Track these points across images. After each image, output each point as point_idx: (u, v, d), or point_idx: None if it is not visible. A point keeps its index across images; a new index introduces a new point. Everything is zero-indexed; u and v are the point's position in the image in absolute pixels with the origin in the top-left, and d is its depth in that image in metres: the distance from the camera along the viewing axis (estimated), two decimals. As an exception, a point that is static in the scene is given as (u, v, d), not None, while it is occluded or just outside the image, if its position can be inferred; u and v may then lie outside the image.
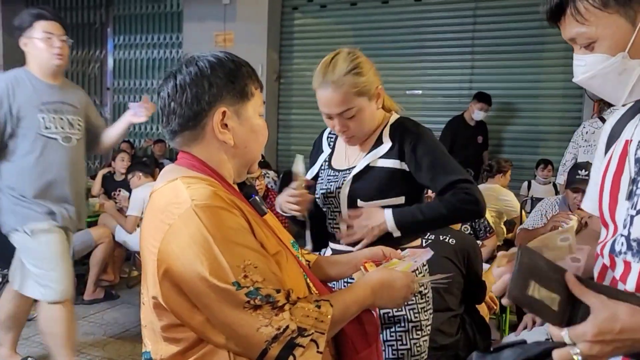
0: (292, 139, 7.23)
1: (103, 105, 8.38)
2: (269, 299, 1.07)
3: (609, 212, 1.09)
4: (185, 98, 1.18)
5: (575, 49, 1.05)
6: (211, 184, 1.17)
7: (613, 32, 0.98)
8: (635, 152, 1.05)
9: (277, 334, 1.07)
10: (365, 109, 1.71)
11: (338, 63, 1.69)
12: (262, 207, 1.28)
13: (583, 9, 0.99)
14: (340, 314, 1.17)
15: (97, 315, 4.41)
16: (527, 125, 6.09)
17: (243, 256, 1.09)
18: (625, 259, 1.02)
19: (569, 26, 1.03)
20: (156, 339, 1.18)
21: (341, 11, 6.84)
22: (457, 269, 2.71)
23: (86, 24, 8.35)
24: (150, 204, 1.21)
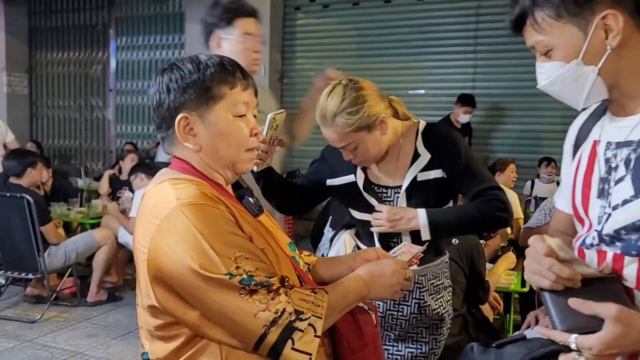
0: (295, 139, 7.21)
1: (106, 106, 8.39)
2: (263, 284, 1.08)
3: (583, 210, 1.15)
4: (154, 104, 1.23)
5: (537, 57, 1.12)
6: (198, 184, 1.18)
7: (567, 41, 1.05)
8: (604, 153, 1.10)
9: (276, 317, 1.07)
10: (366, 141, 1.71)
11: (333, 101, 1.67)
12: (254, 208, 1.27)
13: (540, 19, 1.07)
14: (336, 300, 1.18)
15: (100, 317, 4.41)
16: (530, 124, 6.07)
17: (234, 248, 1.10)
18: (599, 249, 1.08)
19: (529, 35, 1.11)
20: (152, 339, 1.19)
21: (344, 11, 6.83)
22: (460, 269, 2.70)
23: (88, 25, 8.36)
24: (140, 206, 1.23)
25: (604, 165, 1.10)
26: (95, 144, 8.56)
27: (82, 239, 4.64)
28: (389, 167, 1.81)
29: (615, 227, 1.04)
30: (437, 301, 1.88)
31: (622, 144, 1.08)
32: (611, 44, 1.03)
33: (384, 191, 1.81)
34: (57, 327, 4.19)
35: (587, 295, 0.98)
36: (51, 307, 4.46)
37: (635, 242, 1.02)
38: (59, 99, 8.70)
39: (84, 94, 8.52)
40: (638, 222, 1.01)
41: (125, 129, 8.27)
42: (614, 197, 1.06)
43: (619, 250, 1.05)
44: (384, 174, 1.82)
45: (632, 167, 1.04)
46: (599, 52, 1.04)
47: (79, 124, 8.62)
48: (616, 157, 1.08)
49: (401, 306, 1.87)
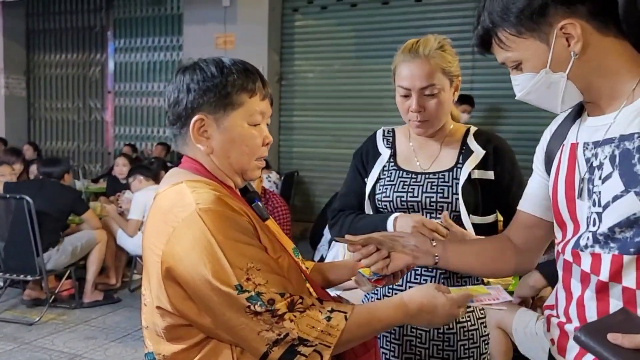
0: (293, 140, 7.22)
1: (104, 108, 8.39)
2: (269, 307, 1.06)
3: (568, 213, 1.16)
4: (170, 100, 1.23)
5: (510, 71, 1.18)
6: (216, 188, 1.18)
7: (532, 53, 1.11)
8: (584, 153, 1.13)
9: (278, 338, 1.07)
10: (446, 91, 1.62)
11: (429, 40, 1.62)
12: (264, 213, 1.28)
13: (503, 38, 1.13)
14: (357, 328, 1.12)
15: (98, 319, 4.40)
16: (528, 125, 6.07)
17: (246, 259, 1.09)
18: (593, 251, 1.08)
19: (497, 53, 1.16)
20: (158, 340, 1.18)
21: (342, 12, 6.84)
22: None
23: (86, 27, 8.37)
24: (154, 206, 1.21)
25: (585, 165, 1.12)
26: (94, 146, 8.57)
27: (83, 235, 4.71)
28: (430, 151, 1.70)
29: (609, 224, 1.05)
30: (466, 314, 1.64)
31: (602, 142, 1.09)
32: (574, 50, 1.07)
33: (412, 177, 1.66)
34: (56, 329, 4.18)
35: (616, 329, 0.98)
36: (49, 309, 4.45)
37: (631, 239, 1.02)
38: (57, 101, 8.70)
39: (82, 96, 8.53)
40: (632, 216, 1.01)
41: (124, 131, 8.27)
42: (603, 196, 1.06)
43: (616, 251, 1.04)
44: (420, 157, 1.70)
45: (617, 163, 1.05)
46: (565, 59, 1.09)
47: (77, 126, 8.62)
48: (597, 156, 1.09)
49: (419, 331, 1.65)
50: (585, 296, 1.10)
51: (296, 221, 5.24)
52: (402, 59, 1.64)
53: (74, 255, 4.55)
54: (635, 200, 1.01)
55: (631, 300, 1.03)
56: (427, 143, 1.71)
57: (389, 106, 6.73)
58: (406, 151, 1.73)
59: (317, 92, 7.07)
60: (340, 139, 6.75)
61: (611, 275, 1.05)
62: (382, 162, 1.72)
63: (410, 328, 1.64)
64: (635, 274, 1.02)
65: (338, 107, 6.89)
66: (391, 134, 1.78)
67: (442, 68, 1.60)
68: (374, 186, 1.70)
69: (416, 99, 1.60)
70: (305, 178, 7.11)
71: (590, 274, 1.09)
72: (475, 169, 1.62)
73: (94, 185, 6.65)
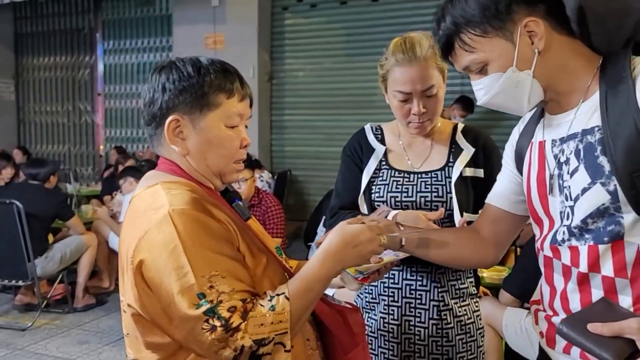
0: (285, 139, 7.20)
1: (94, 111, 8.34)
2: (223, 322, 1.03)
3: (543, 209, 1.19)
4: (146, 100, 1.20)
5: (472, 77, 1.18)
6: (192, 189, 1.16)
7: (499, 53, 1.12)
8: (552, 150, 1.16)
9: (236, 355, 1.05)
10: (442, 88, 1.61)
11: (422, 40, 1.58)
12: (245, 212, 1.25)
13: (468, 39, 1.13)
14: (301, 300, 1.11)
15: (92, 323, 4.37)
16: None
17: (211, 266, 1.06)
18: (571, 244, 1.11)
19: (460, 57, 1.17)
20: (139, 347, 1.16)
21: (331, 10, 6.82)
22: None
23: (74, 29, 8.31)
24: (129, 209, 1.19)
25: (554, 161, 1.15)
26: (85, 149, 8.51)
27: (72, 241, 4.65)
28: (419, 150, 1.68)
29: (581, 217, 1.08)
30: (462, 308, 1.66)
31: (566, 138, 1.13)
32: (538, 47, 1.10)
33: (405, 176, 1.65)
34: (49, 334, 4.14)
35: (597, 319, 1.00)
36: (42, 314, 4.41)
37: (603, 229, 1.06)
38: (46, 104, 8.64)
39: (72, 99, 8.47)
40: (602, 206, 1.05)
41: (115, 133, 8.22)
42: (572, 189, 1.10)
43: (592, 242, 1.08)
44: (411, 156, 1.68)
45: (582, 157, 1.08)
46: (529, 57, 1.11)
47: (68, 129, 8.57)
48: (564, 152, 1.13)
49: (418, 310, 1.64)
50: (568, 289, 1.13)
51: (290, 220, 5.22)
52: (396, 62, 1.59)
53: (62, 262, 4.50)
54: (602, 190, 1.05)
55: (611, 289, 1.06)
56: (416, 141, 1.69)
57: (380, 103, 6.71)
58: (397, 149, 1.71)
59: (308, 90, 7.05)
60: (332, 137, 6.73)
61: (590, 266, 1.08)
62: (377, 158, 1.69)
63: (408, 325, 1.63)
64: (612, 261, 1.06)
65: (329, 105, 6.88)
66: (379, 131, 1.75)
67: (438, 67, 1.59)
68: (369, 183, 1.67)
69: (418, 102, 1.58)
70: (298, 177, 7.10)
71: (570, 266, 1.12)
72: (467, 166, 1.62)
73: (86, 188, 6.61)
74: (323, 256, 1.16)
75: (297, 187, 7.10)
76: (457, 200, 1.58)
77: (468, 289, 1.68)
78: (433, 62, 1.57)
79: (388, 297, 1.65)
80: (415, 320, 1.63)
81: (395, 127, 1.73)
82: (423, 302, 1.62)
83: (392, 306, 1.64)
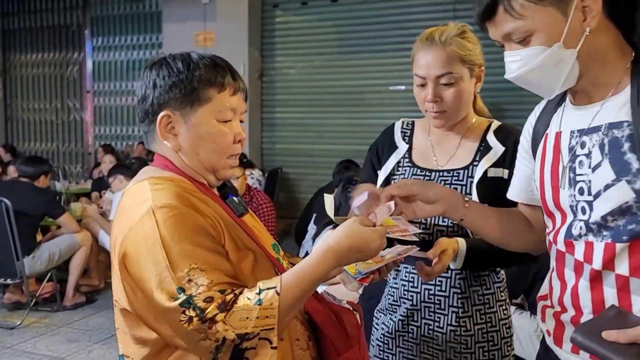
0: (276, 137, 7.19)
1: (83, 108, 8.28)
2: (198, 312, 1.03)
3: (554, 202, 1.15)
4: (139, 97, 1.21)
5: (508, 46, 1.09)
6: (179, 184, 1.16)
7: (548, 24, 1.03)
8: (569, 142, 1.11)
9: (218, 345, 1.04)
10: (465, 81, 1.53)
11: (448, 27, 1.54)
12: (239, 207, 1.25)
13: (518, 5, 1.03)
14: (292, 297, 1.07)
15: (81, 321, 4.34)
16: (511, 119, 6.12)
17: (190, 258, 1.06)
18: (587, 240, 1.07)
19: (502, 23, 1.07)
20: (128, 342, 1.17)
21: (322, 8, 6.81)
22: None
23: (62, 26, 8.24)
24: (119, 205, 1.20)
25: (568, 154, 1.11)
26: (73, 147, 8.45)
27: (64, 240, 4.59)
28: (448, 147, 1.62)
29: (601, 213, 1.05)
30: (486, 315, 1.57)
31: (588, 130, 1.08)
32: (590, 25, 1.03)
33: (427, 174, 1.59)
34: (38, 332, 4.12)
35: (610, 326, 0.99)
36: (31, 312, 4.38)
37: (624, 227, 1.03)
38: (34, 101, 8.56)
39: (60, 96, 8.40)
40: (624, 205, 1.01)
41: (104, 131, 8.17)
42: (593, 184, 1.06)
43: (609, 239, 1.04)
44: (438, 153, 1.62)
45: (607, 152, 1.04)
46: (578, 35, 1.03)
47: (56, 127, 8.50)
48: (584, 145, 1.08)
49: (437, 315, 1.57)
50: (579, 285, 1.10)
51: (281, 218, 5.22)
52: (420, 46, 1.57)
53: (51, 262, 4.45)
54: (627, 188, 1.01)
55: (624, 288, 1.04)
56: (446, 138, 1.63)
57: (372, 101, 6.78)
58: (424, 146, 1.65)
59: (299, 88, 7.04)
60: (323, 135, 6.74)
61: (604, 264, 1.05)
62: (398, 156, 1.65)
63: (427, 329, 1.58)
64: (628, 261, 1.03)
65: (320, 103, 6.87)
66: (410, 127, 1.71)
67: (461, 56, 1.51)
68: (387, 180, 1.63)
69: (432, 88, 1.53)
70: (289, 174, 7.09)
71: (583, 262, 1.09)
72: (492, 166, 1.54)
73: (75, 186, 6.57)
74: (325, 252, 1.12)
75: (287, 185, 7.09)
76: (481, 202, 1.49)
77: (495, 294, 1.60)
78: (454, 51, 1.51)
79: (408, 300, 1.61)
80: (434, 325, 1.57)
81: (426, 123, 1.68)
82: (442, 308, 1.57)
83: (412, 310, 1.60)
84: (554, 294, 1.18)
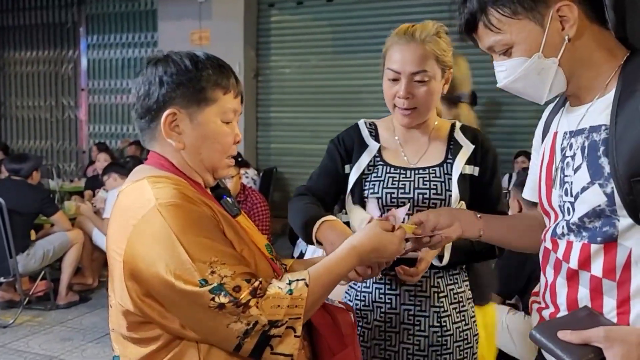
0: (271, 136, 7.19)
1: (78, 106, 8.25)
2: (232, 297, 1.04)
3: (547, 201, 1.18)
4: (140, 93, 1.19)
5: (494, 57, 1.13)
6: (178, 183, 1.16)
7: (526, 36, 1.06)
8: (561, 142, 1.14)
9: (248, 329, 1.05)
10: (437, 81, 1.54)
11: (427, 25, 1.54)
12: (233, 208, 1.26)
13: (495, 20, 1.07)
14: (319, 290, 1.14)
15: (75, 320, 4.33)
16: (505, 119, 6.14)
17: (210, 253, 1.06)
18: (568, 239, 1.10)
19: (484, 37, 1.11)
20: (125, 343, 1.16)
21: (318, 7, 6.82)
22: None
23: (57, 23, 8.21)
24: (115, 205, 1.19)
25: (560, 154, 1.14)
26: (68, 145, 8.42)
27: (57, 238, 4.58)
28: (416, 146, 1.63)
29: (579, 215, 1.07)
30: (460, 314, 1.60)
31: (575, 132, 1.11)
32: (569, 34, 1.05)
33: (401, 172, 1.59)
34: (31, 331, 4.10)
35: (570, 326, 1.01)
36: (24, 311, 4.36)
37: (600, 229, 1.04)
38: (28, 99, 8.53)
39: (55, 94, 8.37)
40: (598, 207, 1.03)
41: (99, 129, 8.15)
42: (574, 186, 1.08)
43: (586, 240, 1.07)
44: (407, 152, 1.63)
45: (586, 155, 1.06)
46: (558, 44, 1.06)
47: (50, 125, 8.47)
48: (572, 147, 1.11)
49: (417, 319, 1.56)
50: (557, 283, 1.13)
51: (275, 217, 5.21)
52: (396, 41, 1.56)
53: (45, 260, 4.43)
54: (599, 192, 1.03)
55: (597, 288, 1.06)
56: (412, 137, 1.64)
57: (367, 101, 6.78)
58: (392, 145, 1.65)
59: (294, 87, 7.05)
60: (318, 135, 6.74)
61: (580, 263, 1.08)
62: (370, 154, 1.63)
63: (407, 335, 1.56)
64: (602, 262, 1.05)
65: (315, 103, 6.88)
66: (373, 127, 1.69)
67: (436, 55, 1.52)
68: (359, 180, 1.61)
69: (405, 84, 1.52)
70: (284, 174, 7.09)
71: (562, 261, 1.12)
72: (466, 164, 1.57)
73: (69, 184, 6.54)
74: (350, 251, 1.21)
75: (282, 185, 7.09)
76: (461, 199, 1.54)
77: (465, 292, 1.62)
78: (432, 50, 1.51)
79: (385, 304, 1.57)
80: (414, 330, 1.55)
81: (390, 123, 1.68)
82: (423, 309, 1.55)
83: (389, 314, 1.56)
84: (540, 291, 1.22)
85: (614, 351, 0.96)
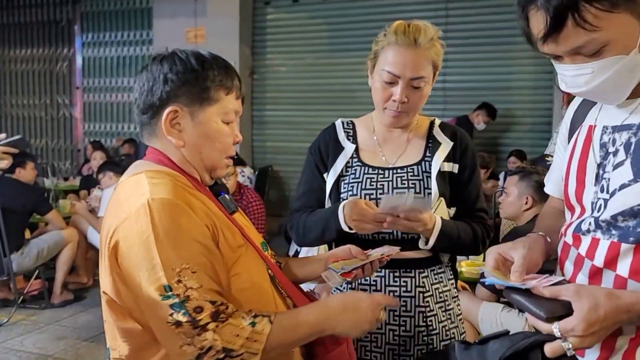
0: (267, 135, 7.19)
1: (72, 104, 8.22)
2: (190, 318, 1.03)
3: (575, 196, 1.14)
4: (143, 89, 1.19)
5: (570, 60, 1.01)
6: (177, 178, 1.16)
7: (625, 32, 0.96)
8: (601, 137, 1.09)
9: (201, 353, 1.03)
10: (429, 84, 1.52)
11: (428, 29, 1.49)
12: (230, 205, 1.26)
13: (591, 17, 0.95)
14: (282, 333, 1.09)
15: (69, 319, 4.32)
16: (500, 117, 6.15)
17: (182, 259, 1.06)
18: (594, 236, 1.07)
19: (572, 37, 0.97)
20: (114, 335, 1.17)
21: (314, 5, 6.81)
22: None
23: (52, 21, 8.17)
24: (112, 197, 1.20)
25: (599, 150, 1.09)
26: (63, 143, 8.39)
27: (52, 236, 4.58)
28: (395, 145, 1.62)
29: (612, 212, 1.04)
30: (446, 312, 1.59)
31: (620, 127, 1.06)
32: None
33: (379, 172, 1.57)
34: (25, 330, 4.09)
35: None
36: (18, 309, 4.35)
37: (633, 228, 1.01)
38: (23, 97, 8.49)
39: (50, 92, 8.34)
40: (636, 207, 1.00)
41: (94, 127, 8.12)
42: (611, 183, 1.05)
43: (616, 239, 1.04)
44: (385, 152, 1.61)
45: (632, 151, 1.02)
46: None
47: (45, 123, 8.43)
48: (615, 142, 1.06)
49: (402, 319, 1.55)
50: (577, 279, 1.10)
51: (271, 216, 5.21)
52: (395, 41, 1.50)
53: (39, 258, 4.43)
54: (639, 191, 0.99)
55: (621, 288, 1.03)
56: (391, 136, 1.63)
57: (362, 99, 6.75)
58: (370, 145, 1.63)
59: (289, 86, 7.04)
60: (314, 133, 6.59)
61: (606, 262, 1.05)
62: (345, 157, 1.61)
63: (392, 335, 1.55)
64: (630, 263, 1.03)
65: (311, 101, 6.87)
66: (351, 127, 1.67)
67: (433, 60, 1.51)
68: (336, 183, 1.60)
69: (403, 88, 1.49)
70: (280, 173, 7.09)
71: (584, 257, 1.09)
72: (444, 161, 1.56)
73: (64, 183, 6.52)
74: (321, 309, 1.18)
75: (278, 183, 7.09)
76: (440, 195, 1.53)
77: (450, 291, 1.62)
78: (430, 55, 1.49)
79: None
80: (399, 330, 1.54)
81: (369, 122, 1.66)
82: (408, 310, 1.54)
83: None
84: None
85: (582, 303, 0.94)
